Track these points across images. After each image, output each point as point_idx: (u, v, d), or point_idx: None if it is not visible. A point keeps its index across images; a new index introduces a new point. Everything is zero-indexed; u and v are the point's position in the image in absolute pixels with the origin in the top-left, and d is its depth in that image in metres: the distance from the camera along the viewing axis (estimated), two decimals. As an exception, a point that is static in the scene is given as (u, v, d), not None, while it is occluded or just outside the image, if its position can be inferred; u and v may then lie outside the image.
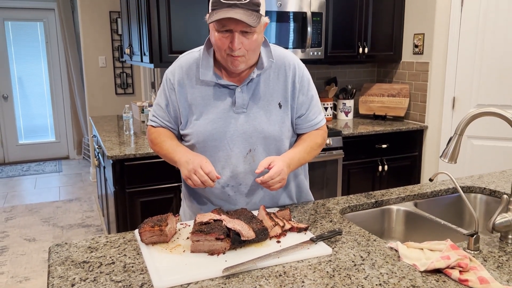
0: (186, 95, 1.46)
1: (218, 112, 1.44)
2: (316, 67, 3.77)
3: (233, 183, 1.48)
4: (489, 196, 1.80)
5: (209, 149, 1.46)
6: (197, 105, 1.45)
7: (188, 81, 1.46)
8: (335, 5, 3.33)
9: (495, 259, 1.20)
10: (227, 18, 1.26)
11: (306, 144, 1.52)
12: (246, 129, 1.45)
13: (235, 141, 1.45)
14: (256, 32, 1.33)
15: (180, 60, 1.50)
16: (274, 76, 1.47)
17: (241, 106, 1.44)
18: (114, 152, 2.59)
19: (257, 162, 1.46)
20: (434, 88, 3.42)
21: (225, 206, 1.52)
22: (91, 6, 4.89)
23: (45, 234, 3.78)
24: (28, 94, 6.18)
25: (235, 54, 1.33)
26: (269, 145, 1.48)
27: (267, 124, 1.46)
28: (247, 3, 1.27)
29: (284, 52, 1.51)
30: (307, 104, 1.52)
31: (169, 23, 2.87)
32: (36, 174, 5.67)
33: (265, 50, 1.45)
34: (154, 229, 1.23)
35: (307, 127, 1.55)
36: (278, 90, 1.47)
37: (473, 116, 1.32)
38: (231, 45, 1.31)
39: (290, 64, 1.49)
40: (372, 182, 3.40)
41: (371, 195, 1.71)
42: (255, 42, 1.34)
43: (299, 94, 1.50)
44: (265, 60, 1.44)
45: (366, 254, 1.22)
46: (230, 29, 1.30)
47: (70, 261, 1.19)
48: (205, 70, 1.43)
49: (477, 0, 3.14)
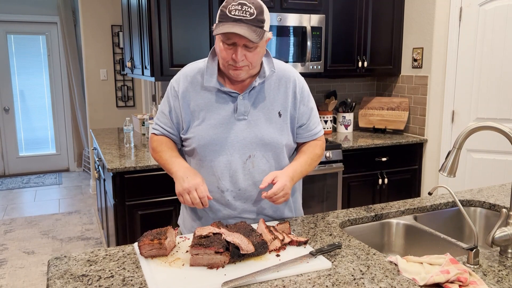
0: (189, 102, 1.51)
1: (220, 118, 1.49)
2: (315, 80, 3.79)
3: (232, 188, 1.52)
4: (488, 210, 1.80)
5: (209, 153, 1.50)
6: (200, 111, 1.50)
7: (192, 89, 1.51)
8: (335, 19, 3.36)
9: (495, 273, 1.19)
10: (232, 32, 1.32)
11: (306, 156, 1.58)
12: (247, 136, 1.49)
13: (235, 146, 1.49)
14: (258, 46, 1.39)
15: (185, 69, 1.57)
16: (275, 86, 1.53)
17: (242, 113, 1.49)
18: (114, 165, 2.60)
19: (256, 168, 1.51)
20: (433, 101, 3.44)
21: (224, 211, 1.54)
22: (93, 20, 4.94)
23: (44, 247, 3.76)
24: (29, 106, 6.21)
25: (238, 66, 1.40)
26: (268, 151, 1.52)
27: (267, 131, 1.50)
28: (252, 19, 1.34)
29: (285, 65, 1.59)
30: (307, 114, 1.59)
31: (170, 36, 2.90)
32: (36, 186, 5.66)
33: (267, 61, 1.51)
34: (154, 242, 1.23)
35: (307, 136, 1.61)
36: (279, 100, 1.53)
37: (471, 131, 1.33)
38: (234, 57, 1.38)
39: (291, 76, 1.56)
40: (372, 195, 3.40)
41: (371, 208, 1.71)
42: (257, 55, 1.41)
43: (300, 105, 1.56)
44: (267, 69, 1.50)
45: (366, 268, 1.22)
46: (234, 42, 1.36)
47: (69, 274, 1.19)
48: (209, 77, 1.48)
49: (475, 15, 3.18)
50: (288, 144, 1.57)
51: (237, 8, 1.34)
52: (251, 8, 1.34)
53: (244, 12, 1.33)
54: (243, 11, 1.33)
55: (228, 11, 1.34)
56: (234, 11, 1.33)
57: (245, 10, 1.34)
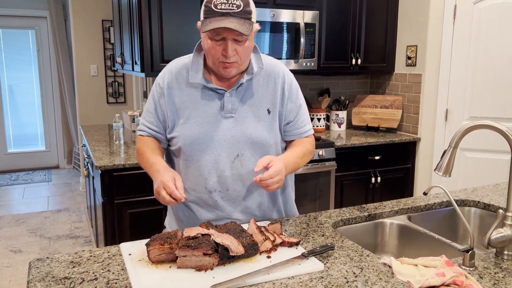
0: (174, 98, 1.46)
1: (206, 116, 1.43)
2: (309, 78, 3.75)
3: (220, 188, 1.46)
4: (483, 210, 1.78)
5: (196, 152, 1.45)
6: (185, 108, 1.45)
7: (177, 85, 1.46)
8: (328, 16, 3.33)
9: (491, 275, 1.16)
10: (222, 27, 1.27)
11: (299, 149, 1.52)
12: (234, 134, 1.44)
13: (222, 145, 1.44)
14: (248, 40, 1.35)
15: (170, 65, 1.52)
16: (263, 83, 1.48)
17: (229, 111, 1.44)
18: (103, 162, 2.54)
19: (244, 167, 1.46)
20: (427, 100, 3.42)
21: (213, 212, 1.49)
22: (83, 15, 4.86)
23: (31, 245, 3.69)
24: (18, 102, 6.10)
25: (229, 61, 1.35)
26: (256, 150, 1.47)
27: (255, 129, 1.45)
28: (240, 11, 1.30)
29: (274, 61, 1.54)
30: (295, 112, 1.53)
31: (161, 32, 2.84)
32: (25, 183, 5.57)
33: (255, 57, 1.46)
34: (164, 247, 1.17)
35: (295, 134, 1.55)
36: (267, 96, 1.48)
37: (467, 129, 1.30)
38: (225, 53, 1.33)
39: (279, 72, 1.51)
40: (365, 193, 3.37)
41: (364, 208, 1.68)
42: (247, 49, 1.37)
43: (287, 101, 1.51)
44: (255, 66, 1.45)
45: (359, 270, 1.18)
46: (223, 37, 1.32)
47: (50, 277, 1.14)
48: (194, 73, 1.43)
49: (469, 13, 3.16)
50: (277, 142, 1.52)
51: (223, 1, 1.29)
52: (237, 1, 1.30)
53: (231, 5, 1.29)
54: (230, 4, 1.29)
55: (213, 6, 1.29)
56: (220, 5, 1.29)
57: (232, 2, 1.29)
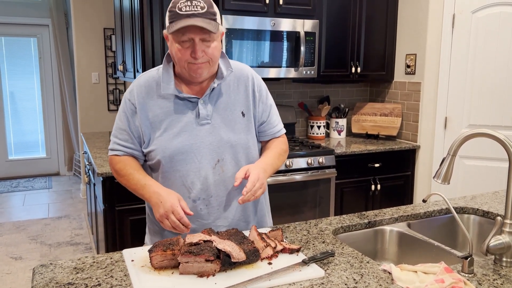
0: (147, 113, 1.45)
1: (182, 126, 1.44)
2: (309, 86, 3.78)
3: (204, 195, 1.46)
4: (482, 217, 1.79)
5: (176, 163, 1.44)
6: (160, 121, 1.45)
7: (148, 99, 1.46)
8: (328, 25, 3.36)
9: (489, 282, 1.18)
10: (187, 26, 1.30)
11: (274, 151, 1.56)
12: (212, 140, 1.45)
13: (202, 152, 1.45)
14: (215, 40, 1.37)
15: (138, 80, 1.51)
16: (234, 86, 1.51)
17: (205, 117, 1.45)
18: (105, 169, 2.56)
19: (226, 172, 1.47)
20: (426, 108, 3.45)
21: (196, 222, 1.47)
22: (85, 23, 4.90)
23: (32, 252, 3.69)
24: (19, 109, 6.13)
25: (198, 62, 1.36)
26: (237, 153, 1.49)
27: (233, 133, 1.48)
28: (205, 12, 1.32)
29: (241, 64, 1.58)
30: (267, 112, 1.58)
31: (163, 40, 2.87)
32: (25, 190, 5.58)
33: (223, 61, 1.49)
34: (167, 253, 1.19)
35: (269, 134, 1.60)
36: (240, 100, 1.51)
37: (466, 137, 1.32)
38: (193, 54, 1.35)
39: (248, 75, 1.55)
40: (365, 201, 3.38)
41: (364, 215, 1.70)
42: (215, 49, 1.39)
43: (259, 103, 1.55)
44: (224, 70, 1.47)
45: (359, 276, 1.20)
46: (190, 37, 1.33)
47: (54, 282, 1.15)
48: (166, 85, 1.44)
49: (468, 22, 3.19)
50: (255, 144, 1.55)
51: (187, 4, 1.32)
52: (200, 3, 1.33)
53: (195, 6, 1.31)
54: (194, 6, 1.31)
55: (178, 9, 1.32)
56: (184, 7, 1.31)
57: (195, 5, 1.32)
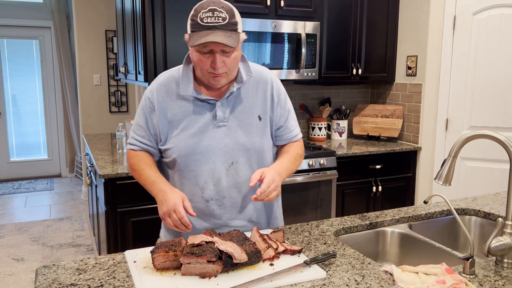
0: (166, 112, 1.48)
1: (199, 127, 1.46)
2: (310, 87, 3.79)
3: (216, 196, 1.48)
4: (483, 219, 1.79)
5: (191, 163, 1.46)
6: (178, 121, 1.47)
7: (167, 99, 1.48)
8: (329, 27, 3.37)
9: (491, 283, 1.18)
10: (208, 41, 1.30)
11: (290, 155, 1.57)
12: (228, 142, 1.47)
13: (217, 154, 1.46)
14: (235, 50, 1.38)
15: (159, 79, 1.53)
16: (252, 90, 1.52)
17: (221, 120, 1.46)
18: (106, 171, 2.56)
19: (239, 175, 1.48)
20: (427, 109, 3.45)
21: (209, 221, 1.51)
22: (87, 25, 4.91)
23: (33, 253, 3.70)
24: (21, 111, 6.15)
25: (217, 72, 1.37)
26: (251, 157, 1.50)
27: (248, 136, 1.49)
28: (226, 24, 1.33)
29: (261, 68, 1.58)
30: (285, 117, 1.58)
31: (165, 42, 2.88)
32: (27, 192, 5.59)
33: (243, 65, 1.49)
34: (169, 254, 1.19)
35: (286, 138, 1.60)
36: (257, 103, 1.52)
37: (466, 139, 1.32)
38: (213, 65, 1.36)
39: (267, 79, 1.55)
40: (366, 202, 3.39)
41: (366, 216, 1.70)
42: (235, 59, 1.40)
43: (277, 107, 1.55)
44: (243, 74, 1.48)
45: (361, 277, 1.20)
46: (211, 49, 1.34)
47: (57, 283, 1.16)
48: (185, 86, 1.46)
49: (469, 23, 3.20)
50: (270, 148, 1.56)
51: (209, 15, 1.31)
52: (222, 13, 1.32)
53: (217, 18, 1.31)
54: (215, 17, 1.31)
55: (200, 20, 1.32)
56: (206, 18, 1.31)
57: (217, 15, 1.32)
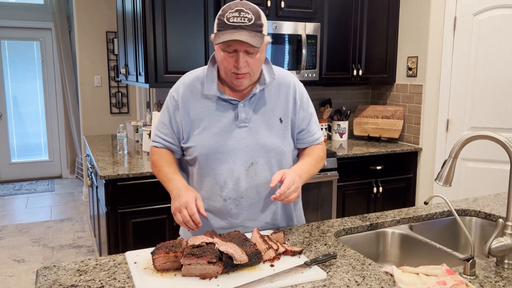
0: (189, 110, 1.50)
1: (220, 126, 1.48)
2: (310, 88, 3.79)
3: (234, 195, 1.50)
4: (484, 220, 1.79)
5: (211, 162, 1.49)
6: (200, 119, 1.49)
7: (191, 97, 1.51)
8: (330, 28, 3.37)
9: (491, 284, 1.18)
10: (233, 39, 1.32)
11: (311, 158, 1.59)
12: (248, 143, 1.48)
13: (237, 154, 1.48)
14: (259, 52, 1.40)
15: (184, 78, 1.57)
16: (275, 92, 1.54)
17: (243, 120, 1.48)
18: (107, 172, 2.57)
19: (258, 176, 1.50)
20: (428, 110, 3.45)
21: (226, 220, 1.53)
22: (88, 26, 4.92)
23: (34, 254, 3.70)
24: (22, 112, 6.16)
25: (240, 72, 1.39)
26: (270, 158, 1.51)
27: (269, 138, 1.50)
28: (251, 24, 1.35)
29: (285, 72, 1.60)
30: (307, 120, 1.60)
31: (165, 43, 2.89)
32: (28, 193, 5.60)
33: (266, 67, 1.51)
34: (169, 255, 1.20)
35: (308, 141, 1.62)
36: (279, 106, 1.53)
37: (467, 140, 1.32)
38: (236, 64, 1.38)
39: (290, 82, 1.57)
40: (367, 203, 3.38)
41: (366, 217, 1.70)
42: (258, 61, 1.42)
43: (299, 110, 1.57)
44: (266, 76, 1.50)
45: (361, 278, 1.20)
46: (235, 49, 1.36)
47: (58, 284, 1.16)
48: (209, 85, 1.48)
49: (469, 24, 3.20)
50: (290, 150, 1.57)
51: (235, 15, 1.34)
52: (248, 14, 1.35)
53: (243, 18, 1.34)
54: (242, 18, 1.34)
55: (226, 19, 1.34)
56: (232, 18, 1.34)
57: (243, 16, 1.34)
